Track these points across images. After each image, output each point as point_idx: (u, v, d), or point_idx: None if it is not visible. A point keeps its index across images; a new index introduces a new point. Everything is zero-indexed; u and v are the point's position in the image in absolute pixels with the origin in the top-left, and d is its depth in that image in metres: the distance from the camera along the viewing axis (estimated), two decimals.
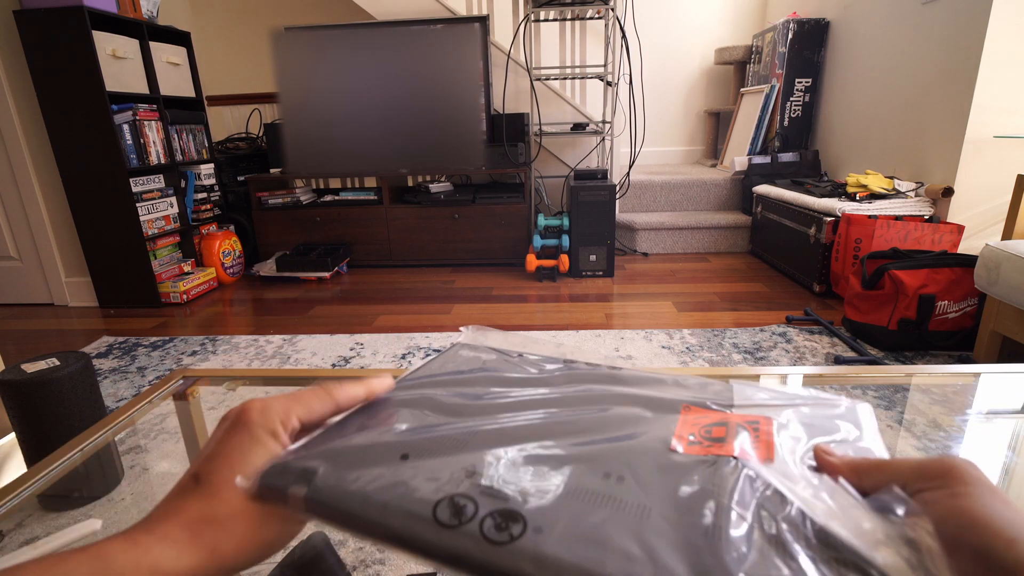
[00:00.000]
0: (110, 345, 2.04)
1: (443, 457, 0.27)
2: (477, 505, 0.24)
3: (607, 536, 0.22)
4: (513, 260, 2.94)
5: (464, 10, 3.02)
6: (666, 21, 3.89)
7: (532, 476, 0.26)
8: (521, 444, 0.28)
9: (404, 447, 0.28)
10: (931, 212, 2.16)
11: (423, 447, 0.28)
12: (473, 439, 0.29)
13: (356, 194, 2.99)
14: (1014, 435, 0.71)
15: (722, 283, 2.54)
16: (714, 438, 0.28)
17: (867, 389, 1.42)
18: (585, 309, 2.26)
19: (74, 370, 1.17)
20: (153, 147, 2.46)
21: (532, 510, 0.23)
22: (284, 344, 1.99)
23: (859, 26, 2.76)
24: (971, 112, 2.01)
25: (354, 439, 0.29)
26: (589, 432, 0.29)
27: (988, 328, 1.62)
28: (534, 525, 0.22)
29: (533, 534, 0.22)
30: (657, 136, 4.09)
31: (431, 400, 0.34)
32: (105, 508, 0.77)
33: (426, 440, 0.29)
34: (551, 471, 0.26)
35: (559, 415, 0.32)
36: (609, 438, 0.29)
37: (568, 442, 0.28)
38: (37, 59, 2.18)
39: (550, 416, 0.31)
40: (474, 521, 0.23)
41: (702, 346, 1.85)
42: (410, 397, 0.34)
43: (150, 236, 2.42)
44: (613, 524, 0.22)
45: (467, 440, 0.29)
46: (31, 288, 2.57)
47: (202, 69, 2.84)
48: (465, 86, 2.79)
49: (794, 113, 3.19)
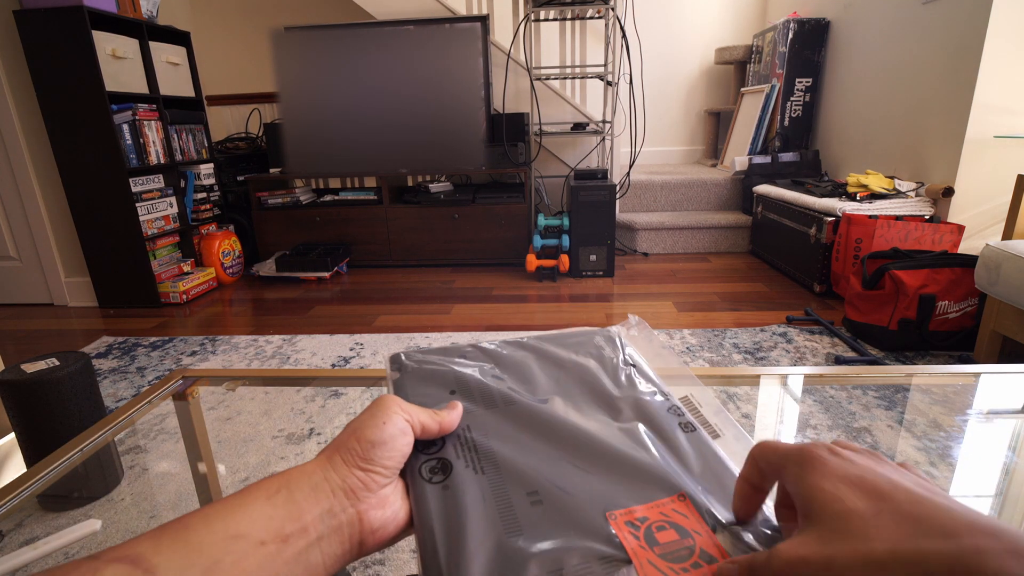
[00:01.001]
0: (110, 345, 2.04)
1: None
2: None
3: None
4: (513, 260, 2.94)
5: (464, 10, 3.02)
6: (666, 21, 3.89)
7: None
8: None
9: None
10: (931, 212, 2.16)
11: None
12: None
13: (356, 194, 2.98)
14: (1014, 435, 0.71)
15: (722, 283, 2.54)
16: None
17: (867, 389, 1.42)
18: (585, 309, 2.26)
19: (74, 370, 1.17)
20: (153, 147, 2.46)
21: None
22: (284, 344, 1.99)
23: (859, 26, 2.76)
24: (971, 112, 2.01)
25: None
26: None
27: (988, 328, 1.62)
28: None
29: None
30: (657, 136, 4.09)
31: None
32: (105, 508, 0.76)
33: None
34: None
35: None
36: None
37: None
38: (37, 59, 2.18)
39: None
40: None
41: (702, 346, 1.85)
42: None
43: (150, 236, 2.42)
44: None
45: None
46: (31, 288, 2.57)
47: (202, 69, 2.84)
48: (465, 86, 2.79)
49: (794, 113, 3.19)
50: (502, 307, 2.31)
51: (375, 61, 2.77)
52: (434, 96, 2.81)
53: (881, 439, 1.21)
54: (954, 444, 1.04)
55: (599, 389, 0.40)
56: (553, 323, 2.11)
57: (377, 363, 1.82)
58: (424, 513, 0.29)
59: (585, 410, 0.37)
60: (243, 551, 0.24)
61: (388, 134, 2.87)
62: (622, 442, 0.34)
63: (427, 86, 2.79)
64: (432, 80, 2.79)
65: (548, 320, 2.15)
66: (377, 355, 1.88)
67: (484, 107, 2.83)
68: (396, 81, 2.79)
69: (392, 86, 2.80)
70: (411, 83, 2.79)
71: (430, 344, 1.94)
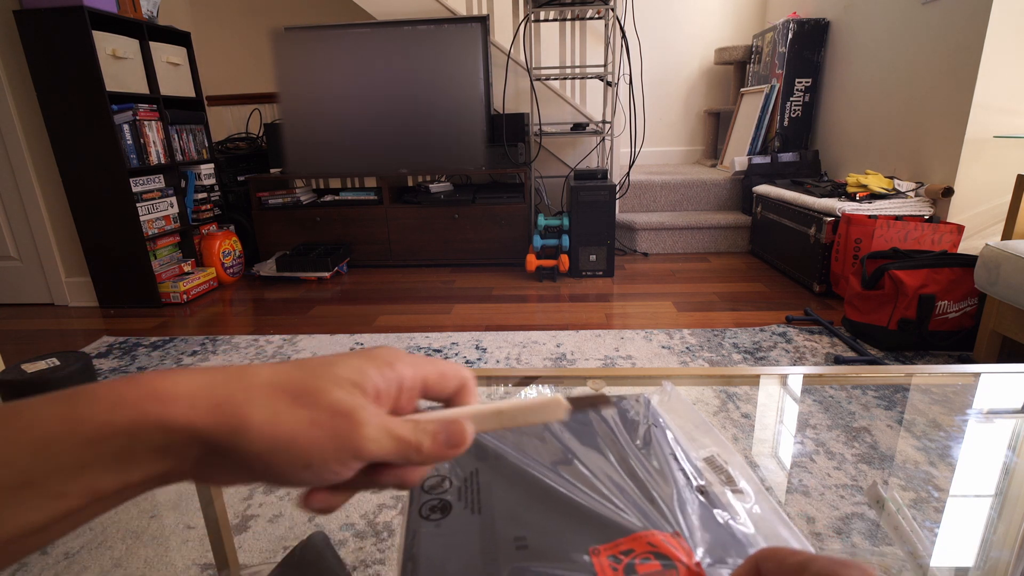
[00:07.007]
0: (110, 345, 2.04)
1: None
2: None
3: None
4: (513, 260, 2.94)
5: (464, 10, 3.02)
6: (666, 21, 3.89)
7: None
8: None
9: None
10: (931, 212, 2.16)
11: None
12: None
13: (356, 194, 2.99)
14: (1014, 435, 0.71)
15: (722, 283, 2.54)
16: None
17: (867, 389, 1.42)
18: (585, 309, 2.26)
19: (74, 370, 1.17)
20: (153, 147, 2.46)
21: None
22: (284, 344, 1.99)
23: (859, 26, 2.76)
24: (971, 112, 2.01)
25: None
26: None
27: (988, 328, 1.62)
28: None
29: None
30: (657, 136, 4.09)
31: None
32: None
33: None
34: None
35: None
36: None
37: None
38: (37, 59, 2.18)
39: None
40: None
41: (702, 346, 1.85)
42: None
43: (150, 236, 2.42)
44: None
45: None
46: (31, 288, 2.57)
47: (202, 69, 2.84)
48: (465, 86, 2.79)
49: (794, 113, 3.19)
50: (502, 307, 2.31)
51: (375, 61, 2.77)
52: (434, 96, 2.81)
53: (881, 439, 1.21)
54: (954, 444, 1.04)
55: (617, 449, 0.40)
56: (553, 323, 2.12)
57: None
58: (410, 547, 0.30)
59: (601, 465, 0.38)
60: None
61: (388, 134, 2.87)
62: (624, 482, 0.34)
63: (427, 86, 2.79)
64: (432, 80, 2.79)
65: (548, 320, 2.15)
66: None
67: (484, 107, 2.83)
68: (396, 81, 2.80)
69: (392, 86, 2.80)
70: (411, 83, 2.79)
71: (430, 344, 1.95)
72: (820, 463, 1.14)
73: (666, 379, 0.51)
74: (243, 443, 0.21)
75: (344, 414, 0.23)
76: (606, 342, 1.91)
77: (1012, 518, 0.61)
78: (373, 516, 1.06)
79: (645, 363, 1.75)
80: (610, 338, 1.95)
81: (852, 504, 1.02)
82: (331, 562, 0.41)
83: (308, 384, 0.23)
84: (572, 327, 2.07)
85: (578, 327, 2.06)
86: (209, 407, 0.21)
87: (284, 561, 0.40)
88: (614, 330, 2.02)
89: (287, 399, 0.22)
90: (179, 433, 0.21)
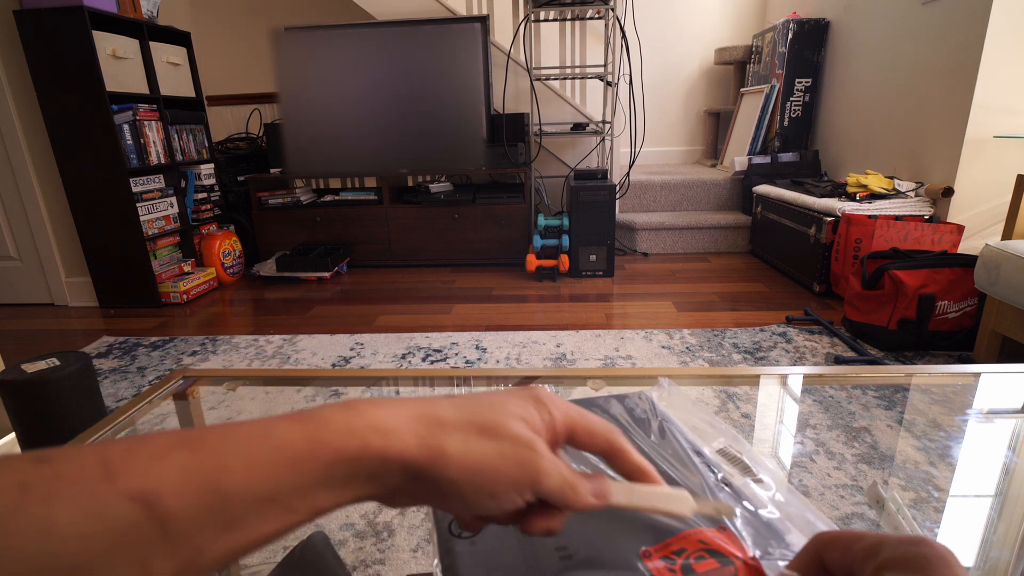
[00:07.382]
0: (110, 345, 2.04)
1: None
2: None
3: None
4: (513, 260, 2.94)
5: (464, 10, 3.02)
6: (666, 21, 3.89)
7: None
8: None
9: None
10: (931, 212, 2.16)
11: None
12: None
13: (356, 194, 2.99)
14: (1014, 435, 0.71)
15: (722, 283, 2.54)
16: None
17: (867, 389, 1.42)
18: (585, 309, 2.26)
19: (74, 370, 1.17)
20: (153, 147, 2.46)
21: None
22: (284, 344, 1.99)
23: (859, 26, 2.76)
24: (971, 112, 2.01)
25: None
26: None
27: (988, 328, 1.62)
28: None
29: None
30: (657, 136, 4.09)
31: None
32: None
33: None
34: None
35: None
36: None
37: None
38: (37, 59, 2.18)
39: None
40: None
41: (702, 346, 1.85)
42: None
43: (150, 236, 2.42)
44: None
45: None
46: (31, 288, 2.57)
47: (202, 69, 2.84)
48: (465, 86, 2.79)
49: (794, 113, 3.19)
50: (502, 307, 2.31)
51: (375, 61, 2.77)
52: (434, 96, 2.81)
53: (881, 439, 1.21)
54: (954, 444, 1.04)
55: (637, 446, 0.40)
56: (553, 323, 2.11)
57: (377, 363, 1.82)
58: (448, 568, 0.29)
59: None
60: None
61: (388, 134, 2.87)
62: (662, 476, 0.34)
63: (427, 86, 2.79)
64: (432, 80, 2.79)
65: (548, 320, 2.15)
66: (377, 355, 1.88)
67: (484, 107, 2.83)
68: (396, 81, 2.80)
69: (392, 86, 2.80)
70: (411, 83, 2.79)
71: (430, 344, 1.95)
72: (820, 463, 1.14)
73: (665, 378, 0.50)
74: (442, 471, 0.24)
75: (526, 444, 0.25)
76: (606, 342, 1.91)
77: (1012, 518, 0.61)
78: (373, 516, 1.06)
79: (645, 363, 1.75)
80: (610, 338, 1.95)
81: (852, 504, 1.02)
82: (331, 562, 0.41)
83: (489, 418, 0.25)
84: (572, 327, 2.07)
85: (578, 327, 2.06)
86: (416, 440, 0.24)
87: (284, 561, 0.40)
88: (614, 330, 2.02)
89: (475, 432, 0.25)
90: (393, 463, 0.23)
